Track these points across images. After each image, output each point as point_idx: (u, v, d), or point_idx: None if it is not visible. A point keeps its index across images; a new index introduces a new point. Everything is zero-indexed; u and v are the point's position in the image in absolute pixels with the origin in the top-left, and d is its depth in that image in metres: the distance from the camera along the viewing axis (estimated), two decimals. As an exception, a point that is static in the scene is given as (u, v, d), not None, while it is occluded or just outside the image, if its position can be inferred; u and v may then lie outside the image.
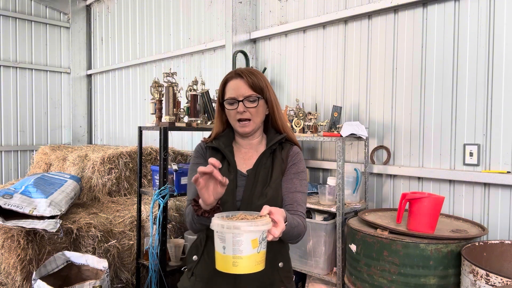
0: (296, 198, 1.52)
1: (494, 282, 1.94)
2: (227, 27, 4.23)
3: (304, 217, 1.51)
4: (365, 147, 3.28)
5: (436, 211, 2.39)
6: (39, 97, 6.91)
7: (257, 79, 1.55)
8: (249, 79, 1.53)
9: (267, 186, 1.53)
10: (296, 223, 1.41)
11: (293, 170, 1.58)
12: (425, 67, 3.05)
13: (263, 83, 1.56)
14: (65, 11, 7.09)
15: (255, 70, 1.60)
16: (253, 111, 1.54)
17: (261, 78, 1.57)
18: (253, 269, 1.15)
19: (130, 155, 4.21)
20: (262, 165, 1.57)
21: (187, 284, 1.59)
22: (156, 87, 3.09)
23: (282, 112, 1.67)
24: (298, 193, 1.54)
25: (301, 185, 1.56)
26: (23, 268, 2.81)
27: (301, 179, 1.58)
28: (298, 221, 1.43)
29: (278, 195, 1.53)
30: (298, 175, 1.57)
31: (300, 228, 1.44)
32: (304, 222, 1.49)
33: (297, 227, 1.41)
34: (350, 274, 2.69)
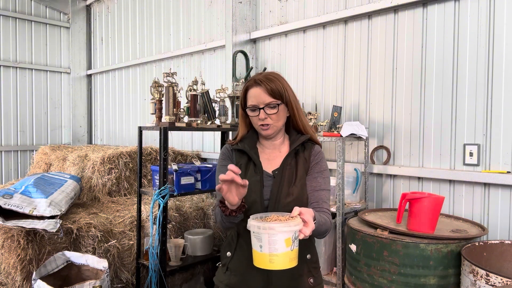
0: (321, 196, 1.61)
1: (494, 282, 1.94)
2: (227, 27, 4.23)
3: (329, 213, 1.59)
4: (365, 147, 3.28)
5: (436, 211, 2.39)
6: (39, 97, 6.91)
7: (275, 85, 1.59)
8: (267, 86, 1.58)
9: (292, 185, 1.60)
10: (323, 220, 1.50)
11: (316, 169, 1.65)
12: (425, 67, 3.05)
13: (282, 88, 1.60)
14: (65, 11, 7.10)
15: (273, 75, 1.63)
16: (274, 117, 1.61)
17: (279, 83, 1.60)
18: (287, 265, 1.26)
19: (130, 155, 4.21)
20: (287, 165, 1.65)
21: (222, 278, 1.69)
22: (156, 87, 3.09)
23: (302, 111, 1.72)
24: (322, 191, 1.62)
25: (325, 183, 1.64)
26: (23, 268, 2.81)
27: (324, 177, 1.65)
28: (325, 218, 1.52)
29: (304, 194, 1.61)
30: (321, 174, 1.65)
31: (327, 225, 1.53)
32: (330, 218, 1.58)
33: (325, 224, 1.51)
34: (350, 274, 2.69)
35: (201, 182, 3.21)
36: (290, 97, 1.63)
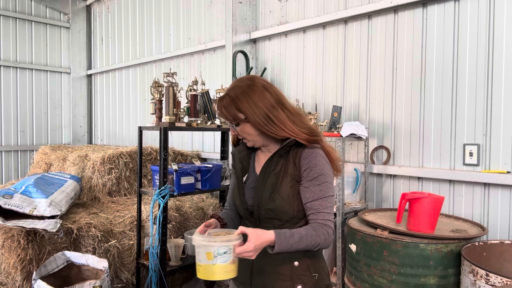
0: (314, 206, 1.52)
1: (494, 282, 1.94)
2: (227, 27, 4.23)
3: (325, 225, 1.50)
4: (365, 147, 3.28)
5: (436, 211, 2.40)
6: (39, 97, 6.91)
7: (227, 111, 1.56)
8: (219, 110, 1.59)
9: (275, 193, 1.55)
10: (297, 238, 1.43)
11: (308, 176, 1.53)
12: (425, 67, 3.05)
13: (234, 110, 1.54)
14: (65, 11, 7.10)
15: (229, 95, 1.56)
16: (240, 133, 1.60)
17: (233, 106, 1.54)
18: (211, 277, 1.36)
19: (130, 155, 4.21)
20: (271, 170, 1.59)
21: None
22: (156, 87, 3.10)
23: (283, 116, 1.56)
24: (317, 200, 1.52)
25: (321, 190, 1.52)
26: (23, 268, 2.81)
27: (319, 184, 1.52)
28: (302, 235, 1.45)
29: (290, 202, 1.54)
30: (315, 181, 1.53)
31: (309, 241, 1.46)
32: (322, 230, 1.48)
33: (301, 241, 1.44)
34: (350, 274, 2.69)
35: (201, 182, 3.21)
36: (248, 115, 1.53)
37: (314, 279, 1.59)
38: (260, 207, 1.57)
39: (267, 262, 1.57)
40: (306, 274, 1.58)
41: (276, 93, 1.57)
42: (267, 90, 1.55)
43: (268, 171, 1.59)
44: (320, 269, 1.63)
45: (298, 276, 1.57)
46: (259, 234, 1.39)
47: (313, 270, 1.60)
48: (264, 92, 1.55)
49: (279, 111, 1.54)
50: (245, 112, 1.53)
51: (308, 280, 1.58)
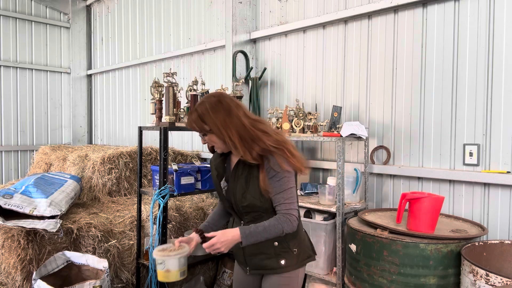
0: (277, 199, 1.84)
1: (494, 282, 1.94)
2: (227, 27, 4.23)
3: (287, 213, 1.82)
4: (365, 147, 3.28)
5: (436, 211, 2.40)
6: (39, 97, 6.91)
7: (195, 124, 1.85)
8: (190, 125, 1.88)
9: (246, 192, 1.87)
10: (261, 230, 1.79)
11: (270, 174, 1.83)
12: (425, 67, 3.05)
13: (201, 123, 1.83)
14: (65, 11, 7.10)
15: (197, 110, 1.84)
16: (209, 141, 1.89)
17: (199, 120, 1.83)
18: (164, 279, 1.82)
19: (130, 155, 4.22)
20: (240, 173, 1.90)
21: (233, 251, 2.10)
22: (156, 87, 3.10)
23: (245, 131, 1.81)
24: (278, 194, 1.83)
25: (281, 185, 1.83)
26: (23, 268, 2.81)
27: (278, 180, 1.82)
28: (265, 226, 1.79)
29: (258, 200, 1.86)
30: (274, 178, 1.82)
31: (272, 229, 1.80)
32: (283, 218, 1.81)
33: (265, 231, 1.79)
34: (350, 274, 2.69)
35: (201, 182, 3.21)
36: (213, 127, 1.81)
37: (294, 254, 1.95)
38: (237, 205, 1.92)
39: (254, 247, 1.91)
40: (286, 250, 1.93)
41: (242, 111, 1.85)
42: (232, 108, 1.82)
43: (237, 175, 1.91)
44: (300, 244, 1.98)
45: (279, 253, 1.93)
46: (225, 231, 1.79)
47: (292, 246, 1.94)
48: (230, 109, 1.82)
49: (240, 128, 1.80)
50: (210, 125, 1.81)
51: (289, 255, 1.94)
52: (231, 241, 1.77)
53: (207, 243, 1.77)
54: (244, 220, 1.96)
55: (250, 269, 2.02)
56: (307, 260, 2.03)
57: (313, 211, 3.17)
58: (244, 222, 1.96)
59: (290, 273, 1.96)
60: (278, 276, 1.95)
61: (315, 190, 3.43)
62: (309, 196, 3.40)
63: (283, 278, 1.95)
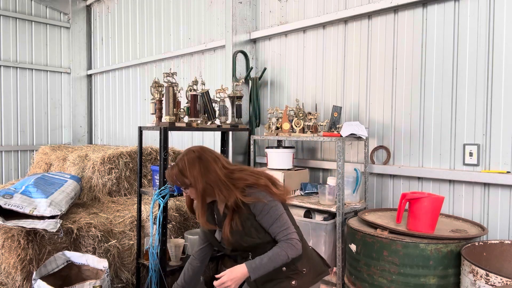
0: (273, 230, 1.93)
1: (494, 282, 1.94)
2: (227, 27, 4.23)
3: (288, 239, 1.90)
4: (365, 147, 3.28)
5: (436, 211, 2.40)
6: (39, 97, 6.91)
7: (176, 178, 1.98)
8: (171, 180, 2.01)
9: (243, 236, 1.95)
10: (266, 261, 1.87)
11: (257, 212, 1.93)
12: (425, 67, 3.05)
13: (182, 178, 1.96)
14: (65, 11, 7.10)
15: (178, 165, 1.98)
16: (190, 194, 2.01)
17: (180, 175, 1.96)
18: None
19: (130, 155, 4.21)
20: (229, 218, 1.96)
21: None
22: (156, 87, 3.10)
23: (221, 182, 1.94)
24: (272, 225, 1.93)
25: (270, 216, 1.93)
26: (23, 268, 2.81)
27: (266, 213, 1.93)
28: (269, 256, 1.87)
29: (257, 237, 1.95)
30: (262, 213, 1.93)
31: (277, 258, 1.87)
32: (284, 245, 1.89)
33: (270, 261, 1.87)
34: (350, 274, 2.69)
35: (201, 182, 3.21)
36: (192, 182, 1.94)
37: (303, 273, 1.99)
38: (238, 250, 2.02)
39: (265, 275, 1.93)
40: (296, 272, 1.98)
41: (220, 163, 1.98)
42: (210, 162, 1.96)
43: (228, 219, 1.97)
44: (308, 263, 2.02)
45: (289, 276, 1.97)
46: (233, 269, 1.87)
47: (300, 267, 1.99)
48: (208, 164, 1.95)
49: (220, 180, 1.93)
50: (190, 180, 1.94)
51: (299, 276, 1.98)
52: (241, 277, 1.85)
53: (217, 282, 1.84)
54: (250, 256, 2.02)
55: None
56: (320, 276, 2.06)
57: (313, 211, 3.17)
58: (251, 257, 2.00)
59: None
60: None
61: (315, 190, 3.43)
62: (309, 196, 3.40)
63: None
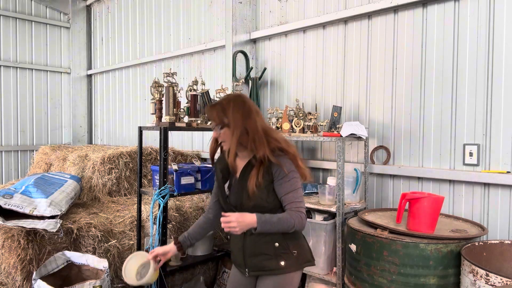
0: (288, 198, 1.91)
1: (494, 282, 1.94)
2: (227, 27, 4.23)
3: (298, 211, 1.89)
4: (365, 147, 3.28)
5: (436, 211, 2.40)
6: (39, 97, 6.91)
7: (216, 112, 1.94)
8: (213, 112, 1.95)
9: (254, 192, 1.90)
10: (275, 220, 1.85)
11: (280, 176, 1.91)
12: (425, 67, 3.05)
13: (222, 116, 1.92)
14: (65, 11, 7.10)
15: (221, 101, 1.98)
16: (222, 136, 1.95)
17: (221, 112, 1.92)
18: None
19: (130, 155, 4.21)
20: (248, 174, 1.95)
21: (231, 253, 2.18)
22: (156, 87, 3.09)
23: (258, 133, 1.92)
24: (289, 193, 1.90)
25: (291, 185, 1.91)
26: (23, 268, 2.81)
27: (289, 179, 1.91)
28: (279, 217, 1.86)
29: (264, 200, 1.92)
30: (286, 178, 1.91)
31: (285, 222, 1.85)
32: (296, 214, 1.88)
33: (278, 222, 1.85)
34: (350, 274, 2.69)
35: (201, 182, 3.21)
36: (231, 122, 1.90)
37: (293, 256, 1.98)
38: (242, 206, 1.95)
39: (254, 247, 1.98)
40: (286, 252, 1.97)
41: (260, 118, 1.96)
42: (252, 111, 1.94)
43: (245, 177, 1.96)
44: (299, 247, 2.02)
45: (279, 254, 1.96)
46: (243, 213, 1.83)
47: (292, 248, 1.98)
48: (250, 111, 1.93)
49: (255, 130, 1.91)
50: (229, 119, 1.90)
51: (288, 257, 1.97)
52: (248, 224, 1.81)
53: (224, 218, 1.81)
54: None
55: (249, 270, 2.03)
56: (306, 264, 2.06)
57: (313, 211, 3.17)
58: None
59: (286, 276, 1.98)
60: (275, 277, 1.98)
61: (315, 190, 3.43)
62: (309, 196, 3.40)
63: (279, 280, 1.98)
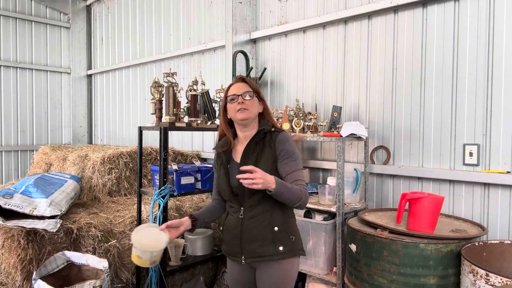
0: (294, 176, 1.92)
1: (494, 282, 1.94)
2: (227, 27, 4.23)
3: (304, 187, 1.91)
4: (365, 147, 3.28)
5: (436, 211, 2.40)
6: (39, 97, 6.91)
7: (253, 84, 2.04)
8: (246, 82, 2.04)
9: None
10: (289, 186, 1.84)
11: (286, 155, 1.94)
12: (425, 67, 3.05)
13: (257, 88, 2.04)
14: (65, 11, 7.10)
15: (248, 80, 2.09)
16: (249, 103, 1.97)
17: (254, 86, 2.05)
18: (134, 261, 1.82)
19: (130, 155, 4.21)
20: (250, 153, 1.97)
21: (223, 247, 2.15)
22: (156, 87, 3.10)
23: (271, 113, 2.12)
24: (294, 172, 1.93)
25: (296, 164, 1.95)
26: (23, 268, 2.81)
27: (294, 159, 1.95)
28: (295, 188, 1.86)
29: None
30: (290, 157, 1.94)
31: (297, 194, 1.85)
32: (303, 190, 1.89)
33: (291, 189, 1.83)
34: (350, 274, 2.69)
35: (201, 182, 3.21)
36: (263, 96, 2.08)
37: (291, 241, 1.98)
38: (242, 186, 1.85)
39: (252, 232, 1.95)
40: (284, 236, 1.96)
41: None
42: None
43: (248, 154, 1.97)
44: (295, 232, 2.03)
45: (278, 239, 1.95)
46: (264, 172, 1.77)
47: (290, 233, 1.98)
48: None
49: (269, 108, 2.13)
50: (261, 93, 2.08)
51: (286, 242, 1.96)
52: (269, 182, 1.75)
53: (248, 167, 1.75)
54: (244, 205, 1.96)
55: (245, 257, 1.98)
56: (300, 252, 2.04)
57: (313, 211, 3.17)
58: (244, 208, 1.96)
59: (286, 261, 1.96)
60: (277, 262, 1.94)
61: (315, 190, 3.43)
62: (309, 196, 3.40)
63: (280, 265, 1.95)
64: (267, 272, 1.97)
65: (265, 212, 1.94)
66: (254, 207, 1.94)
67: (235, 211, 2.01)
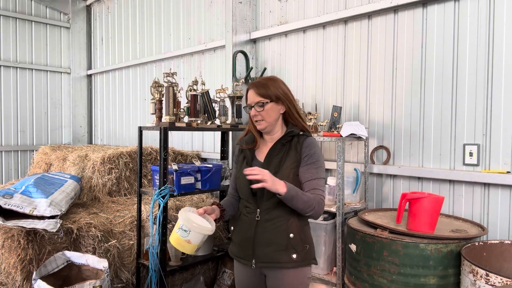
0: (313, 184, 1.87)
1: (494, 282, 1.94)
2: (227, 27, 4.23)
3: (321, 196, 1.85)
4: (365, 147, 3.28)
5: (436, 211, 2.40)
6: (39, 97, 6.91)
7: (264, 89, 1.93)
8: (256, 90, 1.94)
9: (278, 173, 1.86)
10: (300, 193, 1.78)
11: (309, 160, 1.90)
12: (425, 67, 3.05)
13: (271, 90, 1.92)
14: (65, 11, 7.10)
15: (266, 79, 1.99)
16: (263, 113, 1.93)
17: (270, 87, 1.93)
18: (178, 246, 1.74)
19: (130, 155, 4.21)
20: (275, 154, 1.94)
21: (230, 248, 2.11)
22: (156, 87, 3.10)
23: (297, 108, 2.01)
24: (314, 180, 1.87)
25: (317, 172, 1.89)
26: (23, 268, 2.81)
27: (317, 167, 1.90)
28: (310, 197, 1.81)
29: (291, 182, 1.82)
30: (314, 164, 1.90)
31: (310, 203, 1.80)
32: (318, 199, 1.83)
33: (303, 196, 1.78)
34: (350, 274, 2.69)
35: (201, 182, 3.21)
36: (283, 96, 1.94)
37: (305, 249, 1.92)
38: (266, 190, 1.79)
39: (267, 236, 1.89)
40: (299, 244, 1.90)
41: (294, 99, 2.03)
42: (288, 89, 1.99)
43: (272, 155, 1.94)
44: (310, 241, 1.98)
45: (292, 246, 1.89)
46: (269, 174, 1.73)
47: (305, 241, 1.93)
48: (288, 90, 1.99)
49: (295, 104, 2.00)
50: (281, 92, 1.94)
51: (300, 249, 1.90)
52: (277, 182, 1.72)
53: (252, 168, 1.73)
54: (261, 207, 1.90)
55: (256, 261, 1.91)
56: (312, 261, 1.98)
57: (313, 211, 3.16)
58: (261, 210, 1.90)
59: (298, 270, 1.90)
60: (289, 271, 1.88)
61: (315, 190, 3.43)
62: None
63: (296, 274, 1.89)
64: (279, 282, 1.91)
65: (281, 217, 1.88)
66: (271, 210, 1.88)
67: (250, 212, 1.94)
